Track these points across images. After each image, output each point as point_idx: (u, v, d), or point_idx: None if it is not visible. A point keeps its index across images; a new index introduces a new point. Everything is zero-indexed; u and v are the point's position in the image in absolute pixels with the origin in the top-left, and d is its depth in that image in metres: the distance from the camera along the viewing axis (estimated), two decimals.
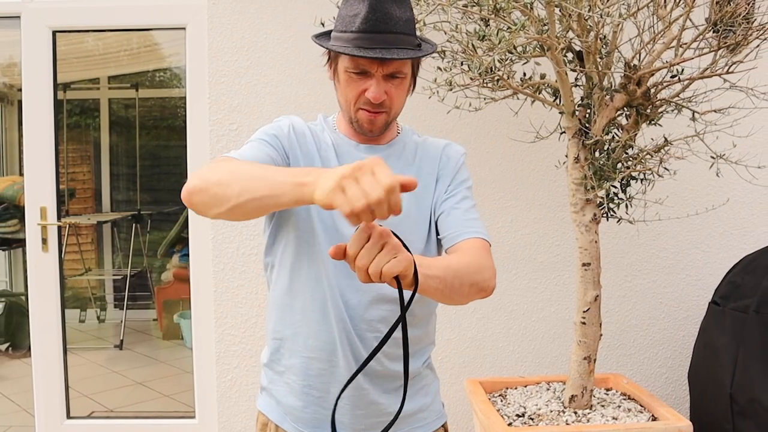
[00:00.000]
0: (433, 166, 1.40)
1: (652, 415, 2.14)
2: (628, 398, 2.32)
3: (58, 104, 2.97)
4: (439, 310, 1.48)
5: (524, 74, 2.17)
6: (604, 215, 2.24)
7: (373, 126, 1.32)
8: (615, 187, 2.22)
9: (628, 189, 2.23)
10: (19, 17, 2.89)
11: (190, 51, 2.85)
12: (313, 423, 1.36)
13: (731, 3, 1.99)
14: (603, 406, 2.24)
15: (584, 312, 2.18)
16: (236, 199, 1.07)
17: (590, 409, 2.20)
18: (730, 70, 2.05)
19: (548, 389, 2.39)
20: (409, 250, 0.96)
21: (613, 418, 2.13)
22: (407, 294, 0.99)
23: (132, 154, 5.38)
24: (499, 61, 2.02)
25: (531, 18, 1.91)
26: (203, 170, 1.15)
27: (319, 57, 2.89)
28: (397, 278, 0.93)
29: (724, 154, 2.16)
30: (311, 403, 1.36)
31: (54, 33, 2.92)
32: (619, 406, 2.23)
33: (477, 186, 1.54)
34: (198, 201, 1.13)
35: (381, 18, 1.24)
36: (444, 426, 1.48)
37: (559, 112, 2.18)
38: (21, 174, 4.42)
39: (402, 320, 0.98)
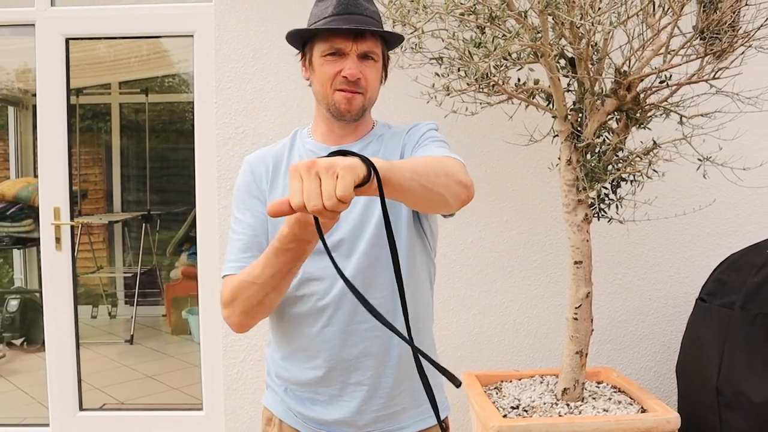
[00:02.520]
0: (397, 144, 1.37)
1: (642, 408, 2.14)
2: (619, 391, 2.32)
3: (70, 109, 2.97)
4: (438, 307, 1.47)
5: (518, 80, 2.17)
6: (596, 215, 2.24)
7: (351, 106, 1.30)
8: (606, 188, 2.22)
9: (618, 190, 2.23)
10: (33, 25, 2.89)
11: (198, 57, 2.85)
12: (319, 421, 1.35)
13: (717, 11, 1.99)
14: (594, 398, 2.24)
15: (576, 308, 2.18)
16: (264, 296, 1.19)
17: (582, 401, 2.20)
18: (716, 76, 2.05)
19: (542, 382, 2.39)
20: (345, 154, 0.86)
21: (604, 410, 2.13)
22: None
23: (142, 156, 5.38)
24: (494, 67, 2.02)
25: (525, 26, 1.91)
26: (223, 299, 1.28)
27: None
28: (362, 184, 0.82)
29: (710, 157, 2.16)
30: (319, 405, 1.34)
31: (67, 40, 2.92)
32: (610, 399, 2.23)
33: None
34: (250, 323, 1.27)
35: (352, 3, 1.28)
36: (445, 420, 1.45)
37: (552, 116, 2.18)
38: (35, 176, 4.42)
39: (385, 214, 0.90)
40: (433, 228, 1.42)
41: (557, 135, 2.18)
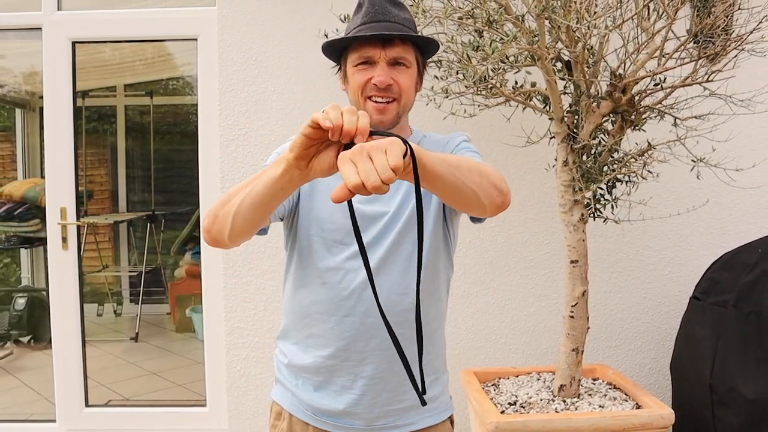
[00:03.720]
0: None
1: (636, 404, 2.14)
2: (614, 388, 2.32)
3: (77, 111, 2.97)
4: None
5: (516, 82, 2.17)
6: (591, 215, 2.24)
7: (383, 116, 1.28)
8: (601, 188, 2.22)
9: (613, 190, 2.23)
10: (40, 29, 2.89)
11: (202, 61, 2.86)
12: (329, 413, 1.34)
13: (711, 16, 1.99)
14: (590, 395, 2.24)
15: (572, 306, 2.18)
16: (236, 208, 1.07)
17: (578, 397, 2.20)
18: (709, 79, 2.05)
19: (538, 379, 2.39)
20: (382, 134, 0.87)
21: (600, 406, 2.13)
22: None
23: (147, 157, 5.38)
24: (492, 70, 2.02)
25: (522, 30, 1.91)
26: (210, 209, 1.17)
27: (323, 67, 2.87)
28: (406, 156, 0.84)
29: (704, 158, 2.16)
30: (329, 394, 1.34)
31: (73, 44, 2.92)
32: (605, 395, 2.23)
33: None
34: (216, 230, 1.13)
35: (380, 10, 1.26)
36: (450, 418, 1.46)
37: (549, 118, 2.18)
38: (42, 176, 4.42)
39: (417, 195, 0.87)
40: (456, 234, 1.42)
41: (554, 137, 2.18)
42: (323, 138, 0.88)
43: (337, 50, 1.33)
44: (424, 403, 0.97)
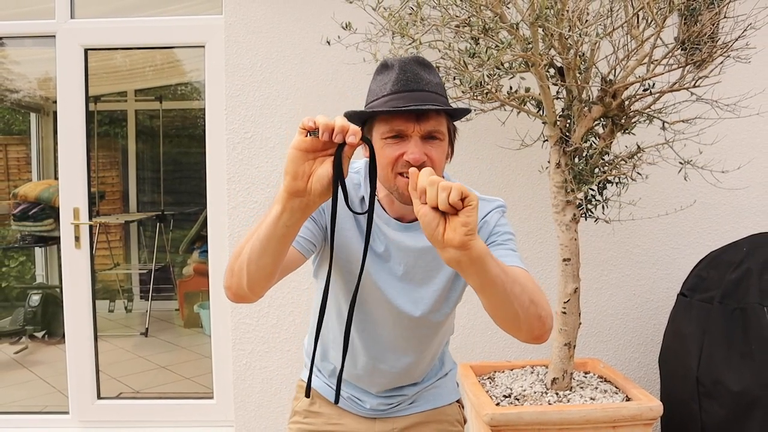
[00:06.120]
0: None
1: (626, 396, 2.14)
2: (605, 381, 2.32)
3: (89, 115, 2.97)
4: None
5: (511, 88, 2.17)
6: (583, 215, 2.24)
7: None
8: (593, 189, 2.22)
9: (604, 191, 2.23)
10: (54, 36, 2.89)
11: (209, 67, 2.86)
12: (347, 404, 1.44)
13: (698, 24, 2.00)
14: (582, 387, 2.24)
15: (565, 303, 2.18)
16: (248, 257, 1.01)
17: (570, 390, 2.20)
18: (696, 84, 2.05)
19: (532, 372, 2.39)
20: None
21: (591, 398, 2.13)
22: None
23: (156, 160, 5.38)
24: (488, 76, 2.02)
25: (517, 37, 1.91)
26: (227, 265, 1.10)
27: (325, 72, 2.87)
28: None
29: (691, 160, 2.16)
30: (350, 387, 1.43)
31: (86, 51, 2.92)
32: (597, 388, 2.23)
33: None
34: (235, 285, 1.06)
35: (412, 78, 1.12)
36: (459, 402, 1.53)
37: (542, 122, 2.18)
38: (56, 178, 4.42)
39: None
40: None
41: (547, 140, 2.18)
42: (314, 148, 0.87)
43: (362, 117, 1.18)
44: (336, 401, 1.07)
